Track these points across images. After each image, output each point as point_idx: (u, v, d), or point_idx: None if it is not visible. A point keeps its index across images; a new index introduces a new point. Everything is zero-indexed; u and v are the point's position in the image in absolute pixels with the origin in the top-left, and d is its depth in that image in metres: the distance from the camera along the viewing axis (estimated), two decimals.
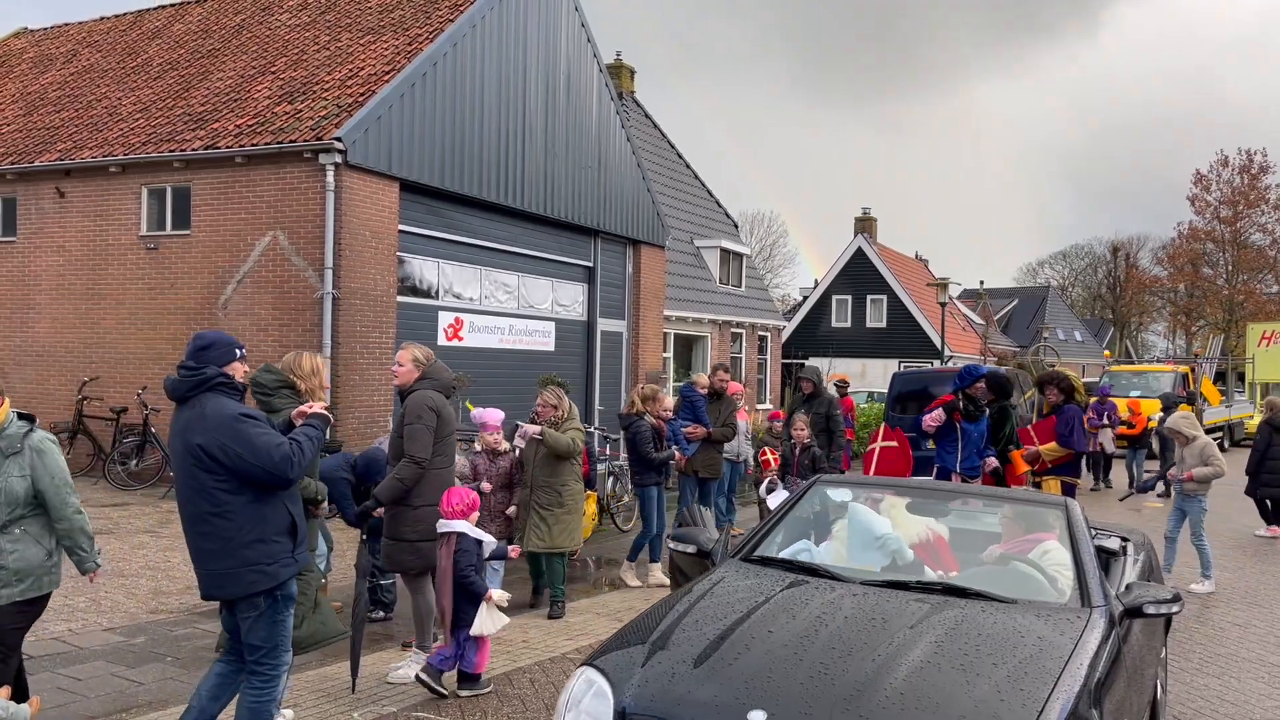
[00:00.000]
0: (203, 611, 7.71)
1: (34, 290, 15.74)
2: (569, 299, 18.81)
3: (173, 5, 20.35)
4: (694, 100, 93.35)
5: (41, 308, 15.63)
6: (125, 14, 20.87)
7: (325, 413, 4.66)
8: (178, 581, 8.74)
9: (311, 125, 13.50)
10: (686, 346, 26.49)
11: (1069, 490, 9.23)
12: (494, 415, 7.97)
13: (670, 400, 9.41)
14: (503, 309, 16.95)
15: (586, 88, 18.60)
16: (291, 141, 13.26)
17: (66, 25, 21.64)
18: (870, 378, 37.42)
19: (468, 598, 5.87)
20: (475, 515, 6.05)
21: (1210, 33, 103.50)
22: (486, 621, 5.80)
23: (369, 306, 13.67)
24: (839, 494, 5.32)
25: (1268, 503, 13.04)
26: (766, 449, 10.24)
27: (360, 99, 13.78)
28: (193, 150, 14.07)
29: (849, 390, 13.74)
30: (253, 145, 13.59)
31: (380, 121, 13.69)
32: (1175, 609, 4.32)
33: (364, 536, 6.41)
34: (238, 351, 4.48)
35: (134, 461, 13.89)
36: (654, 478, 8.88)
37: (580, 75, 18.40)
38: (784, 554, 4.93)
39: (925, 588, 4.40)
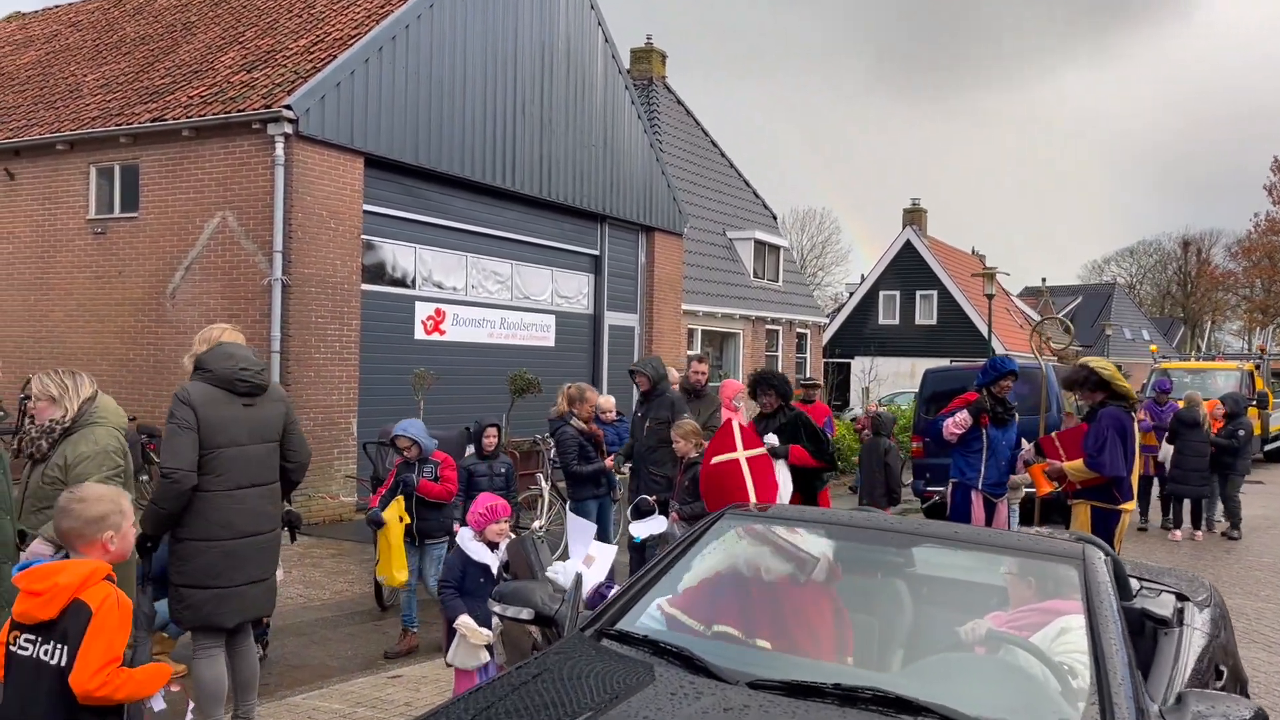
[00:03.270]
0: None
1: None
2: (572, 290, 17.26)
3: None
4: (759, 95, 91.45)
5: None
6: None
7: None
8: None
9: (264, 94, 12.13)
10: (718, 344, 24.82)
11: (1103, 522, 6.63)
12: None
13: (606, 400, 7.78)
14: (493, 300, 15.44)
15: (590, 61, 17.03)
16: (240, 111, 11.91)
17: (56, 8, 20.69)
18: (920, 378, 35.22)
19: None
20: (495, 527, 5.04)
21: None
22: (459, 652, 4.86)
23: (326, 294, 12.24)
24: (755, 534, 3.67)
25: (1186, 502, 12.88)
26: None
27: (321, 65, 12.38)
28: (140, 124, 12.78)
29: (817, 395, 11.85)
30: (200, 117, 12.27)
31: (340, 89, 12.26)
32: None
33: (142, 583, 4.89)
34: None
35: None
36: (590, 491, 7.27)
37: (583, 48, 16.83)
38: (652, 628, 3.30)
39: (847, 696, 2.75)
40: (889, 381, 35.25)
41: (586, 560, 3.95)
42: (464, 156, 14.23)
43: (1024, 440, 7.84)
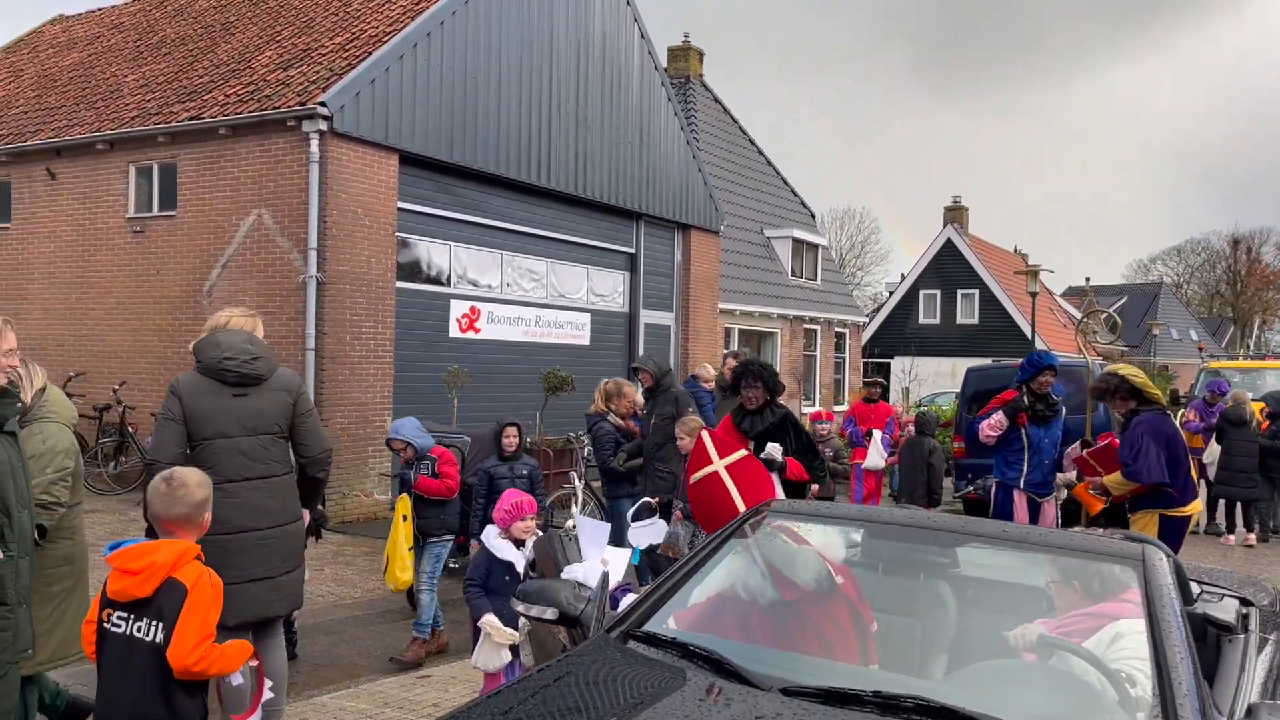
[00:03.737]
0: None
1: (27, 280, 14.76)
2: (607, 288, 17.13)
3: None
4: (796, 92, 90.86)
5: (34, 298, 14.62)
6: None
7: None
8: None
9: (299, 92, 12.12)
10: (756, 343, 24.59)
11: (1172, 529, 6.26)
12: None
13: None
14: (528, 298, 15.36)
15: (626, 58, 16.91)
16: (275, 109, 11.90)
17: (99, 10, 20.93)
18: (961, 378, 34.63)
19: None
20: (521, 524, 4.91)
21: None
22: (483, 653, 4.80)
23: (361, 292, 12.21)
24: (788, 533, 3.50)
25: (1238, 505, 12.38)
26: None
27: (356, 63, 12.36)
28: (178, 122, 12.84)
29: (882, 394, 11.70)
30: (236, 115, 12.29)
31: (375, 86, 12.22)
32: None
33: None
34: None
35: (113, 464, 12.71)
36: (625, 489, 7.12)
37: (619, 45, 16.71)
38: (680, 630, 3.15)
39: (887, 705, 2.58)
40: (929, 381, 34.81)
41: (602, 562, 3.80)
42: (499, 154, 14.16)
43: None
